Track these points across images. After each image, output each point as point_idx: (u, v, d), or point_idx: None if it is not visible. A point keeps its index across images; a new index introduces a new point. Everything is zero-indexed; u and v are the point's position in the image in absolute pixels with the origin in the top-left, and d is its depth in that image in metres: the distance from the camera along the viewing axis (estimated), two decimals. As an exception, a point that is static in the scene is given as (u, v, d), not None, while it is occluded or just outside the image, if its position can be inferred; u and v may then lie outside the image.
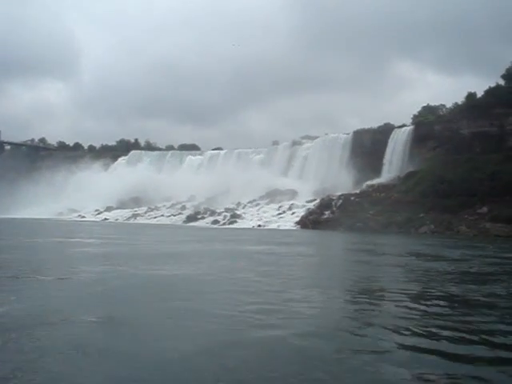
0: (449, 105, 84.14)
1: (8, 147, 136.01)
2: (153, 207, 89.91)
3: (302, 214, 69.70)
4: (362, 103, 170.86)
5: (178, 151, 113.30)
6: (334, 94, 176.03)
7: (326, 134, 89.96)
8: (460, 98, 78.72)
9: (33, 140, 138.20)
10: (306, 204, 73.38)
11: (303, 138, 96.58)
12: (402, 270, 18.14)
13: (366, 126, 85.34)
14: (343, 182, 75.27)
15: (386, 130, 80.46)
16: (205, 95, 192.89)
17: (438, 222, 56.69)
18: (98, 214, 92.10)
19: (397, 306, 10.37)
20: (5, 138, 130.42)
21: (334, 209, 69.40)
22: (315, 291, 12.43)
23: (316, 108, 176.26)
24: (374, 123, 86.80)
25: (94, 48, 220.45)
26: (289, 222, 67.68)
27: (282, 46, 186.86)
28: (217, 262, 19.65)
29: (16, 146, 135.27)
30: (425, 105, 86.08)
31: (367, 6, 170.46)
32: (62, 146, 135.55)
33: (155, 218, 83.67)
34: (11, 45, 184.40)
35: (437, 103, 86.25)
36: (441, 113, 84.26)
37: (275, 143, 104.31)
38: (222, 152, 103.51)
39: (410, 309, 10.08)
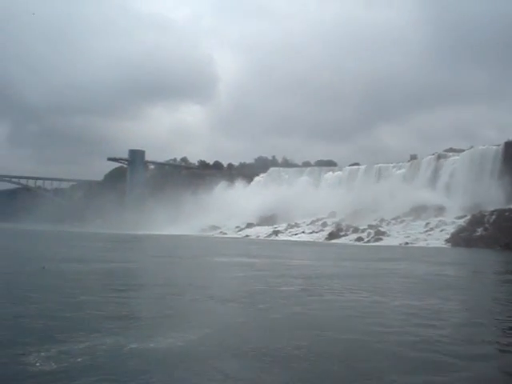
0: None
1: (152, 167, 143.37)
2: (293, 224, 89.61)
3: (452, 231, 66.06)
4: (500, 115, 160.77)
5: (316, 167, 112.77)
6: (471, 107, 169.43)
7: (472, 147, 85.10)
8: None
9: (175, 159, 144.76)
10: (455, 220, 69.51)
11: (446, 151, 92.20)
12: None
13: (504, 138, 79.45)
14: (494, 196, 70.02)
15: (542, 141, 74.42)
16: (337, 111, 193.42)
17: None
18: (239, 230, 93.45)
19: None
20: (149, 158, 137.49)
21: (487, 225, 65.03)
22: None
23: (452, 121, 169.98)
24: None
25: (229, 71, 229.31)
26: (438, 239, 64.30)
27: (414, 59, 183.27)
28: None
29: (159, 165, 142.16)
30: None
31: (503, 15, 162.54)
32: (203, 165, 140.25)
33: (296, 234, 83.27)
34: (153, 72, 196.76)
35: None
36: None
37: (413, 157, 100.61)
38: (361, 167, 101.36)
39: None
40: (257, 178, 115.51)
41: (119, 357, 7.79)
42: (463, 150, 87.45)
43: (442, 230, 67.46)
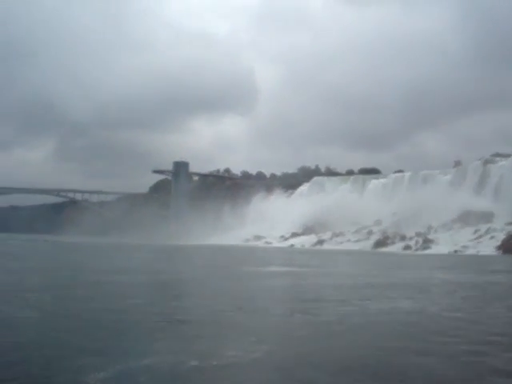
0: None
1: (196, 178, 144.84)
2: (337, 232, 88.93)
3: (502, 237, 64.45)
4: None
5: (361, 175, 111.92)
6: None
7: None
8: None
9: (218, 170, 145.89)
10: (505, 227, 67.75)
11: (493, 155, 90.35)
12: None
13: None
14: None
15: None
16: (376, 119, 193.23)
17: None
18: (284, 240, 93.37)
19: None
20: (193, 170, 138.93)
21: (540, 232, 63.41)
22: None
23: (493, 126, 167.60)
24: None
25: (268, 82, 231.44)
26: (488, 246, 62.83)
27: (453, 66, 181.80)
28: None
29: (203, 176, 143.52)
30: None
31: None
32: (246, 175, 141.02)
33: (341, 243, 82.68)
34: (196, 85, 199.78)
35: None
36: None
37: (457, 163, 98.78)
38: (406, 174, 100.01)
39: None
40: (300, 188, 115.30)
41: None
42: (509, 155, 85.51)
43: (491, 237, 65.85)
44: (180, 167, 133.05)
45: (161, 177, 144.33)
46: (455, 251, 62.95)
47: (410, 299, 16.86)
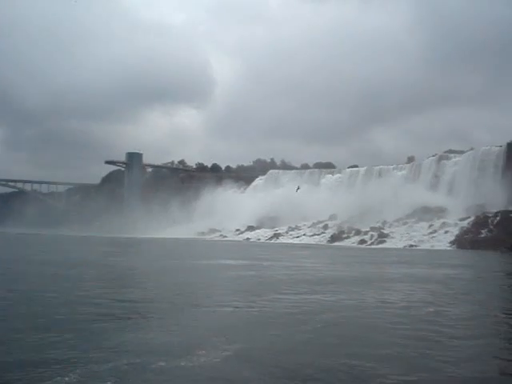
0: None
1: (150, 170, 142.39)
2: (293, 226, 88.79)
3: (456, 233, 65.51)
4: (491, 117, 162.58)
5: (316, 170, 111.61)
6: (463, 110, 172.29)
7: (472, 149, 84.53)
8: None
9: (172, 162, 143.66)
10: (458, 222, 68.81)
11: (446, 152, 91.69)
12: None
13: (503, 141, 78.84)
14: (497, 197, 69.20)
15: (546, 141, 73.78)
16: (331, 115, 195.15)
17: None
18: (240, 233, 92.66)
19: None
20: (147, 161, 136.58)
21: (492, 227, 64.57)
22: None
23: (445, 124, 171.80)
24: (506, 137, 79.68)
25: (225, 75, 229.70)
26: (442, 241, 63.73)
27: (408, 63, 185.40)
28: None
29: (157, 168, 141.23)
30: None
31: (494, 21, 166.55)
32: (201, 168, 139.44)
33: (298, 237, 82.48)
34: (151, 76, 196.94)
35: None
36: None
37: (410, 159, 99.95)
38: (361, 169, 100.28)
39: None
40: (256, 181, 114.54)
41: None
42: (462, 152, 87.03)
43: (446, 232, 66.81)
44: (133, 158, 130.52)
45: (114, 168, 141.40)
46: (410, 245, 63.64)
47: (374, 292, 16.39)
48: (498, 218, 65.58)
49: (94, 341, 9.21)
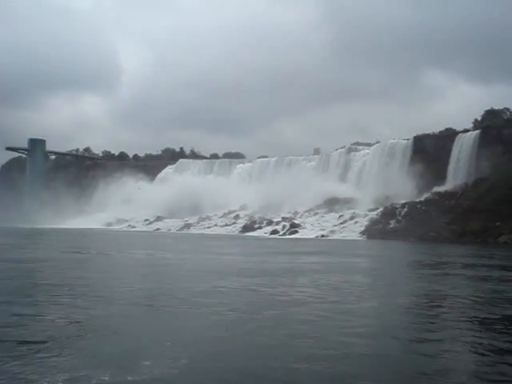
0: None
1: (53, 157, 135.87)
2: (204, 217, 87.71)
3: (366, 223, 66.80)
4: (393, 113, 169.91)
5: (227, 159, 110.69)
6: (366, 105, 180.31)
7: (378, 143, 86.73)
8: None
9: (77, 150, 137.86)
10: (368, 213, 70.20)
11: (354, 144, 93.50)
12: None
13: (400, 135, 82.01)
14: (405, 189, 71.10)
15: (449, 135, 76.65)
16: (239, 106, 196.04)
17: (516, 231, 53.15)
18: (149, 223, 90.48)
19: None
20: (50, 148, 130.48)
21: (399, 218, 66.38)
22: None
23: (349, 118, 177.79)
24: (407, 132, 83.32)
25: (132, 64, 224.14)
26: (353, 231, 64.80)
27: (314, 58, 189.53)
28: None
29: (61, 155, 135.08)
30: (488, 108, 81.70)
31: (396, 18, 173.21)
32: (107, 156, 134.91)
33: (209, 227, 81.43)
34: (53, 61, 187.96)
35: (500, 107, 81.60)
36: (504, 117, 79.91)
37: (316, 151, 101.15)
38: (272, 159, 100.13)
39: None
40: (165, 170, 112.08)
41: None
42: (370, 144, 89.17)
43: (356, 223, 67.99)
44: (36, 145, 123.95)
45: (15, 155, 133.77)
46: (322, 236, 64.15)
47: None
48: (405, 209, 67.41)
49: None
